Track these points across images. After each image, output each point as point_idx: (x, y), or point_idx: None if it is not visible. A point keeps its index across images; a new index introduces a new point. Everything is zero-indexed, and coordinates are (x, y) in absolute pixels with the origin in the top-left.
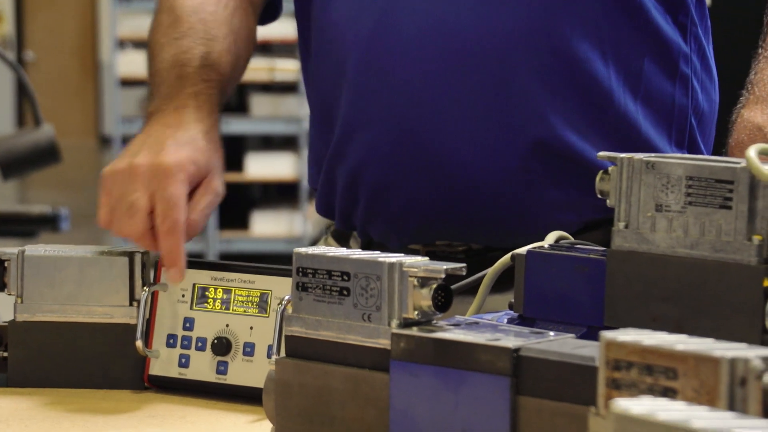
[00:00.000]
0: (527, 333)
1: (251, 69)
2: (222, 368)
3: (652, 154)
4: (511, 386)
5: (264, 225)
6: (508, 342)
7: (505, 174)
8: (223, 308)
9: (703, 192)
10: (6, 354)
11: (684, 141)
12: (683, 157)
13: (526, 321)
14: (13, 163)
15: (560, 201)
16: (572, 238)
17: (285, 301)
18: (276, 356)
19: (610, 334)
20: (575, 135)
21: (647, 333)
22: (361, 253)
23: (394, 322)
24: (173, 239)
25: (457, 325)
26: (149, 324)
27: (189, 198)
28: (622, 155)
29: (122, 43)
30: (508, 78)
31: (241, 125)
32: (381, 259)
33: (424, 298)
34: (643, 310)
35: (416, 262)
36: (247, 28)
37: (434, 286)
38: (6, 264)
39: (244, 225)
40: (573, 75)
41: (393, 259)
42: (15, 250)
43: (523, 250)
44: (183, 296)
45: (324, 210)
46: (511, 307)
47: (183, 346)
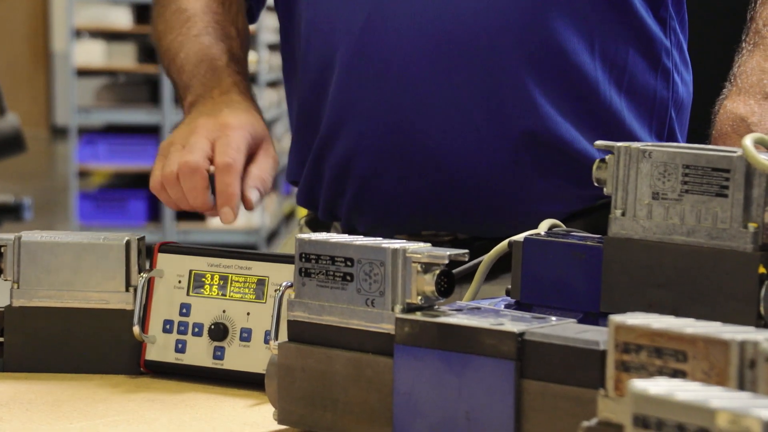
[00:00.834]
0: (529, 318)
1: None
2: (219, 354)
3: (648, 143)
4: (515, 370)
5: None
6: (513, 326)
7: (494, 165)
8: (220, 294)
9: (700, 180)
10: (2, 339)
11: (663, 132)
12: (680, 146)
13: (523, 307)
14: None
15: (547, 191)
16: (564, 226)
17: (283, 288)
18: (274, 342)
19: (618, 318)
20: (563, 126)
21: (654, 317)
22: (364, 239)
23: (398, 307)
24: (229, 177)
25: (459, 310)
26: (145, 310)
27: (248, 162)
28: (619, 144)
29: (79, 33)
30: (498, 70)
31: None
32: (384, 245)
33: (428, 284)
34: (639, 297)
35: (419, 248)
36: (247, 29)
37: (437, 271)
38: (2, 250)
39: (202, 216)
40: (562, 67)
41: (396, 245)
42: (11, 236)
43: (520, 237)
44: (179, 282)
45: (306, 201)
46: (508, 293)
47: (179, 332)
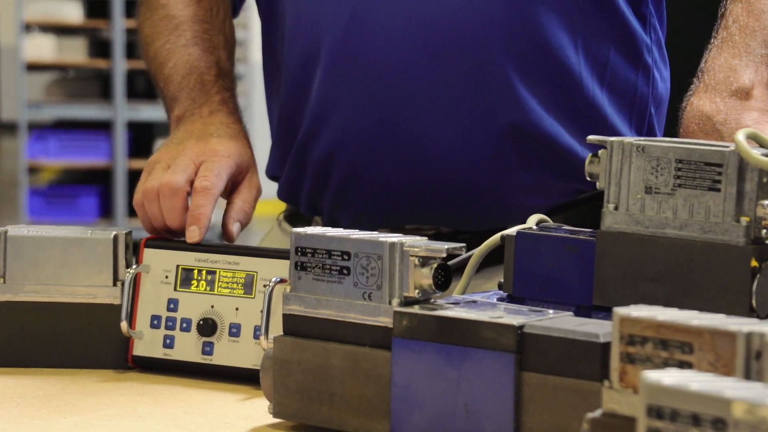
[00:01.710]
0: (526, 311)
1: None
2: (208, 349)
3: (641, 138)
4: (515, 362)
5: None
6: (512, 319)
7: (478, 158)
8: (208, 289)
9: (693, 175)
10: None
11: (643, 128)
12: (673, 141)
13: (515, 301)
14: None
15: (531, 185)
16: (551, 221)
17: (273, 283)
18: (264, 336)
19: (623, 310)
20: (548, 120)
21: (658, 309)
22: (360, 233)
23: (395, 301)
24: (203, 199)
25: (456, 303)
26: (132, 305)
27: (232, 191)
28: (612, 139)
29: (29, 27)
30: (484, 64)
31: (151, 112)
32: (382, 239)
33: (425, 277)
34: (631, 290)
35: (417, 241)
36: (233, 33)
37: (435, 265)
38: None
39: None
40: (547, 62)
41: (394, 239)
42: None
43: (512, 230)
44: (167, 277)
45: (287, 196)
46: (500, 287)
47: (167, 327)
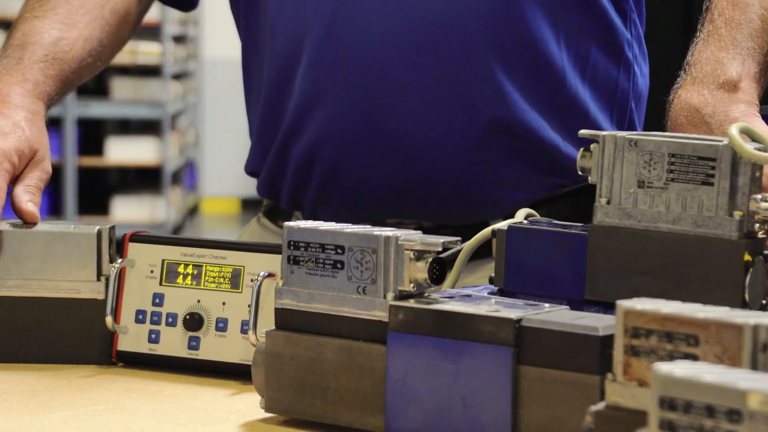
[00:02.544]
0: (522, 305)
1: None
2: (194, 344)
3: (634, 132)
4: (513, 356)
5: (125, 210)
6: (510, 313)
7: (460, 152)
8: (194, 284)
9: (686, 169)
10: None
11: (624, 123)
12: (665, 135)
13: (506, 295)
14: None
15: (513, 179)
16: (539, 215)
17: (261, 277)
18: (252, 331)
19: (627, 303)
20: (530, 114)
21: (661, 302)
22: (354, 227)
23: (390, 295)
24: None
25: (451, 297)
26: (117, 300)
27: (17, 180)
28: (604, 133)
29: None
30: (468, 57)
31: (102, 108)
32: (376, 233)
33: (420, 271)
34: (624, 284)
35: (412, 235)
36: (121, 15)
37: (430, 259)
38: None
39: (104, 210)
40: (530, 56)
41: (389, 233)
42: None
43: (504, 224)
44: (152, 272)
45: (267, 191)
46: (491, 281)
47: (153, 322)
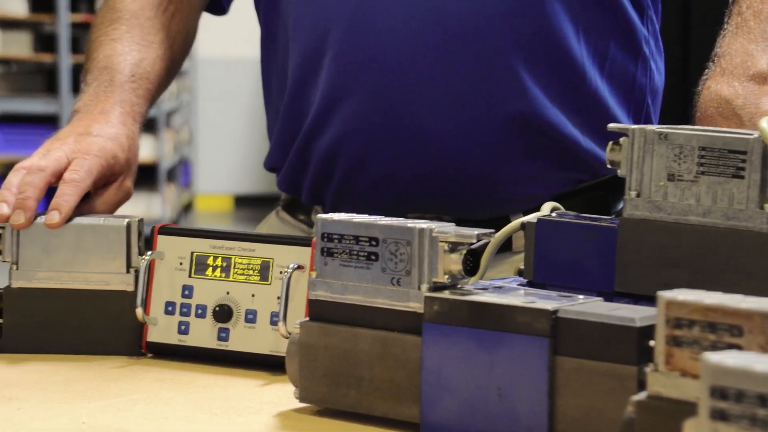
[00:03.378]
0: (556, 296)
1: None
2: (223, 335)
3: (663, 126)
4: (549, 347)
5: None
6: (545, 304)
7: (482, 148)
8: (223, 276)
9: (716, 162)
10: (1, 321)
11: (641, 119)
12: (695, 129)
13: (536, 287)
14: None
15: (532, 174)
16: (563, 208)
17: (291, 269)
18: (282, 323)
19: (668, 294)
20: (551, 110)
21: (702, 293)
22: (387, 219)
23: (424, 286)
24: (70, 189)
25: (485, 288)
26: (146, 292)
27: (101, 192)
28: (634, 126)
29: None
30: (490, 53)
31: None
32: (410, 225)
33: (454, 263)
34: (654, 277)
35: (446, 227)
36: (184, 32)
37: (464, 251)
38: (1, 231)
39: None
40: (552, 52)
41: (423, 225)
42: None
43: (533, 217)
44: (181, 264)
45: (287, 186)
46: (520, 273)
47: (182, 314)
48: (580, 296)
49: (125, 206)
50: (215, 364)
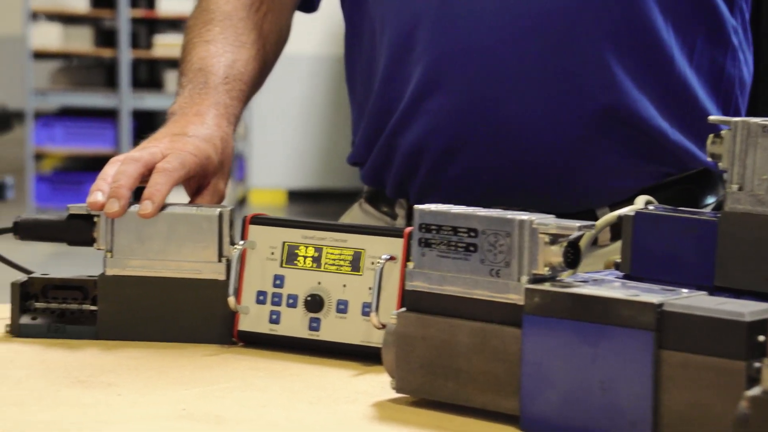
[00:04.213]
0: (658, 290)
1: (166, 45)
2: (315, 325)
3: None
4: (654, 341)
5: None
6: (650, 297)
7: (570, 141)
8: (314, 266)
9: None
10: (96, 308)
11: (729, 111)
12: None
13: (633, 280)
14: None
15: (620, 168)
16: (656, 202)
17: (384, 260)
18: (375, 313)
19: None
20: (641, 102)
21: None
22: (486, 210)
23: (524, 278)
24: (163, 177)
25: (584, 281)
26: (238, 281)
27: (195, 194)
28: (736, 119)
29: (35, 15)
30: (581, 44)
31: (156, 101)
32: (510, 217)
33: (555, 255)
34: (756, 271)
35: (546, 218)
36: (276, 32)
37: (564, 243)
38: (95, 219)
39: None
40: (642, 43)
41: (523, 217)
42: None
43: (630, 210)
44: (272, 254)
45: (372, 180)
46: (616, 266)
47: (273, 303)
48: (684, 290)
49: (183, 201)
50: (306, 354)
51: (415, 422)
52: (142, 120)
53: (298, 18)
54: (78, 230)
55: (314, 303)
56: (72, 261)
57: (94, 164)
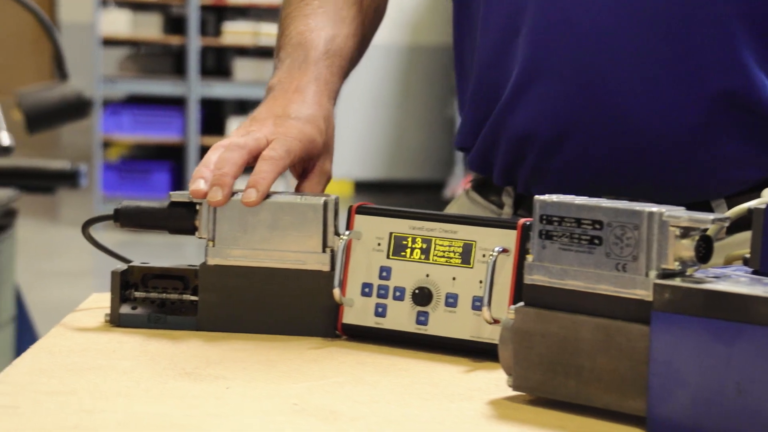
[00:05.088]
0: None
1: (234, 33)
2: (422, 319)
3: None
4: None
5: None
6: None
7: (688, 127)
8: (423, 258)
9: None
10: (197, 298)
11: None
12: None
13: (764, 276)
14: (39, 116)
15: (740, 157)
16: None
17: (496, 253)
18: (487, 308)
19: None
20: (764, 82)
21: None
22: (611, 201)
23: (653, 273)
24: (267, 166)
25: (716, 277)
26: (342, 272)
27: (302, 177)
28: None
29: (105, 2)
30: (708, 23)
31: (224, 89)
32: (638, 208)
33: (686, 249)
34: None
35: (677, 211)
36: (375, 6)
37: (697, 236)
38: (197, 207)
39: None
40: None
41: (653, 208)
42: None
43: (760, 202)
44: (379, 245)
45: (478, 166)
46: (745, 262)
47: (379, 296)
48: None
49: (281, 186)
50: (413, 348)
51: (535, 421)
52: (209, 108)
53: None
54: (179, 218)
55: (422, 296)
56: (141, 250)
57: (161, 153)
